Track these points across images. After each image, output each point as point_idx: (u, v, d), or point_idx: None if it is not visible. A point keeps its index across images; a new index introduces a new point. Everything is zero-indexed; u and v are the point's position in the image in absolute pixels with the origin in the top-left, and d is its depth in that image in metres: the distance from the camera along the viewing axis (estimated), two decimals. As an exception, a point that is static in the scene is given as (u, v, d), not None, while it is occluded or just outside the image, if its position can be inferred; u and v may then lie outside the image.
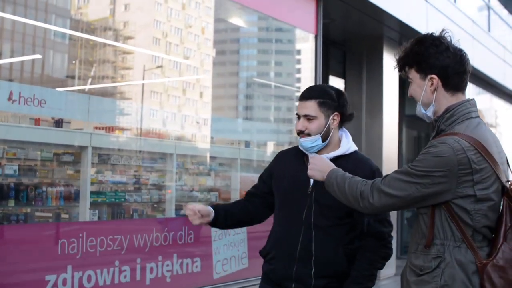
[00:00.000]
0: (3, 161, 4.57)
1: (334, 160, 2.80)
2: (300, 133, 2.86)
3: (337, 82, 9.50)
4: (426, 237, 2.25)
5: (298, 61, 8.95)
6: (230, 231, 5.58)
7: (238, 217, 3.05)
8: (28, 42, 5.89)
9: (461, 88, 2.34)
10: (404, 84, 10.63)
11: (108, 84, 7.12)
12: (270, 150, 7.99)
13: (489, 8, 13.97)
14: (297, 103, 8.78)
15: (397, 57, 2.43)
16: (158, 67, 7.37)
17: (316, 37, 7.43)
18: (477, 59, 11.34)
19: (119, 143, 5.77)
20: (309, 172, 2.56)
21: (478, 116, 2.34)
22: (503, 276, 2.16)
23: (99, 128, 5.44)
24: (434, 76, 2.30)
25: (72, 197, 4.92)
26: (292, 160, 2.98)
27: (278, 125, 8.77)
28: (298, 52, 8.77)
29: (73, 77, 6.43)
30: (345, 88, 9.45)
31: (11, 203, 4.53)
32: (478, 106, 2.37)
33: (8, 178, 4.59)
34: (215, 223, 2.96)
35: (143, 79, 7.03)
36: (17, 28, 5.51)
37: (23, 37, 5.84)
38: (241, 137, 7.26)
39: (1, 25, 5.30)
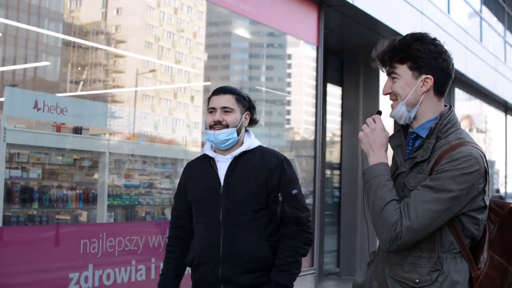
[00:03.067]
0: (28, 165, 4.96)
1: (240, 156, 2.93)
2: (216, 125, 2.90)
3: (334, 90, 9.96)
4: (421, 250, 2.18)
5: (289, 66, 9.11)
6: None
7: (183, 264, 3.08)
8: (31, 48, 6.14)
9: (444, 94, 2.30)
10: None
11: (119, 90, 7.44)
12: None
13: (481, 18, 14.49)
14: (288, 107, 9.13)
15: (383, 51, 2.30)
16: (151, 71, 7.47)
17: (317, 48, 7.87)
18: (469, 68, 11.93)
19: (133, 149, 6.13)
20: (360, 135, 2.33)
21: None
22: (494, 285, 2.20)
23: (115, 135, 5.86)
24: (430, 77, 2.23)
25: (90, 200, 5.34)
26: (199, 168, 3.05)
27: (269, 129, 8.87)
28: (289, 56, 9.00)
29: (75, 83, 6.73)
30: (343, 95, 9.88)
31: (35, 205, 4.93)
32: (469, 112, 2.69)
33: (32, 181, 5.00)
34: None
35: (135, 86, 7.20)
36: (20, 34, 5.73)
37: (26, 43, 6.16)
38: None
39: (11, 32, 5.58)
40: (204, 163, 3.02)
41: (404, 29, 8.84)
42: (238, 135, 2.94)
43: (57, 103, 4.96)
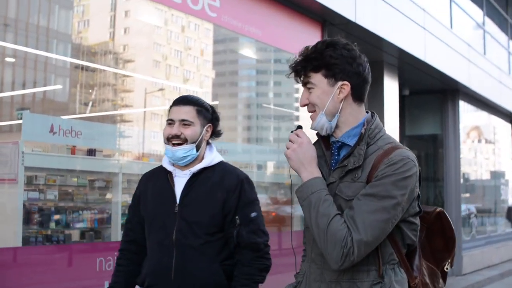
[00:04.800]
0: (45, 187, 5.28)
1: (199, 173, 2.81)
2: (173, 138, 2.79)
3: (339, 106, 10.24)
4: (358, 263, 2.07)
5: (297, 81, 9.37)
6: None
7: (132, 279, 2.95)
8: (40, 70, 6.35)
9: (364, 99, 2.24)
10: (404, 106, 11.48)
11: (129, 110, 7.69)
12: (270, 171, 8.39)
13: (484, 31, 14.73)
14: (296, 123, 9.36)
15: (298, 59, 2.23)
16: (159, 89, 7.76)
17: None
18: (473, 81, 12.23)
19: (145, 169, 6.40)
20: (287, 153, 2.20)
21: None
22: None
23: (126, 155, 6.18)
24: (346, 83, 2.16)
25: (104, 220, 5.64)
26: (155, 180, 2.92)
27: (278, 145, 9.03)
28: None
29: (84, 104, 7.00)
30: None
31: (52, 225, 5.25)
32: (476, 123, 2.70)
33: (49, 202, 5.31)
34: None
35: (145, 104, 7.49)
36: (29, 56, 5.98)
37: (35, 65, 6.40)
38: (242, 159, 7.52)
39: (20, 55, 5.84)
40: (161, 176, 2.90)
41: (407, 45, 9.19)
42: (197, 151, 2.83)
43: (72, 127, 5.26)
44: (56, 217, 5.27)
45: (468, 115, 13.42)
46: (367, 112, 2.26)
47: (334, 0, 7.47)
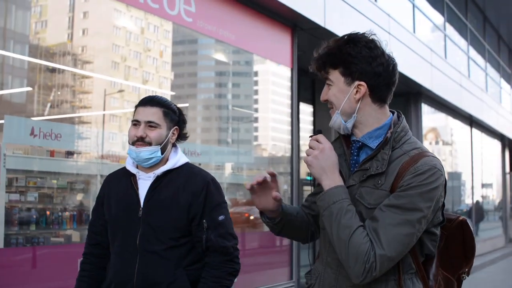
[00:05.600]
0: (25, 189, 5.41)
1: (164, 175, 2.75)
2: (138, 141, 2.72)
3: (307, 108, 10.56)
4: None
5: (256, 83, 9.30)
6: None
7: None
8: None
9: (388, 101, 2.14)
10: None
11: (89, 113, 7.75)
12: (229, 171, 8.45)
13: (445, 35, 15.26)
14: (255, 124, 9.57)
15: (319, 54, 2.15)
16: (119, 91, 7.63)
17: (292, 70, 8.41)
18: (435, 84, 12.71)
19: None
20: (308, 159, 2.11)
21: None
22: None
23: (105, 158, 6.34)
24: (363, 83, 2.06)
25: (83, 221, 5.80)
26: (119, 182, 2.85)
27: (238, 146, 9.08)
28: (256, 73, 9.24)
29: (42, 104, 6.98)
30: (314, 113, 10.49)
31: (33, 227, 5.39)
32: (434, 124, 2.49)
33: (30, 204, 5.44)
34: None
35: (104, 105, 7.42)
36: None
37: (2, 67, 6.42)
38: (200, 160, 7.53)
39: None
40: (125, 179, 2.83)
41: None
42: (162, 153, 2.76)
43: (52, 129, 5.42)
44: (37, 219, 5.40)
45: (425, 117, 13.80)
46: (392, 113, 2.16)
47: (304, 6, 7.76)
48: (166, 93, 7.50)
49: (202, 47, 8.51)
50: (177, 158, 2.82)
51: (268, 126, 9.74)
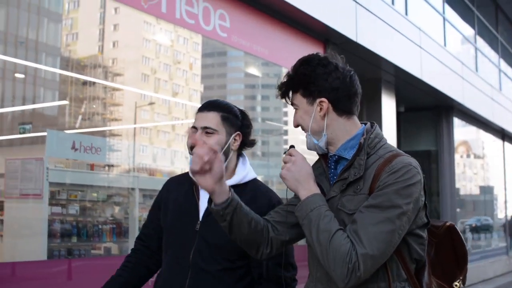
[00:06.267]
0: (67, 202, 5.60)
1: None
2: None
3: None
4: (367, 281, 1.99)
5: None
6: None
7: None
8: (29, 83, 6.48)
9: (355, 111, 2.16)
10: (400, 121, 11.90)
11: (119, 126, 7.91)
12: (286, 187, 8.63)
13: (476, 49, 15.25)
14: (285, 137, 9.52)
15: (281, 82, 2.21)
16: (150, 103, 7.96)
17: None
18: (466, 98, 12.70)
19: (160, 184, 6.66)
20: (282, 173, 2.14)
21: None
22: None
23: (138, 171, 6.51)
24: (324, 99, 2.10)
25: (122, 233, 5.95)
26: (180, 188, 2.67)
27: (268, 159, 9.18)
28: None
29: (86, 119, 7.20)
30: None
31: (74, 239, 5.57)
32: (465, 138, 2.43)
33: (71, 217, 5.63)
34: None
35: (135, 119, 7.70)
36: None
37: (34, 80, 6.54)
38: None
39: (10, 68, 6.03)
40: (187, 185, 2.64)
41: (404, 63, 9.61)
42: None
43: (92, 143, 5.59)
44: (78, 231, 5.58)
45: (456, 130, 13.79)
46: (364, 124, 2.19)
47: (336, 20, 7.87)
48: (196, 105, 7.52)
49: (232, 59, 8.68)
50: (245, 172, 2.62)
51: (298, 139, 9.71)
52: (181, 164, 7.60)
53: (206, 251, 2.48)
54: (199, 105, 2.67)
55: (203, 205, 2.53)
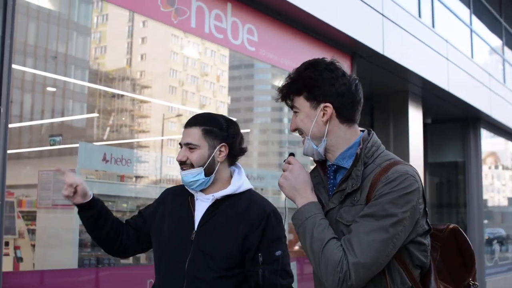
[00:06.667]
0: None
1: (223, 200, 2.59)
2: (182, 164, 2.61)
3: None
4: None
5: None
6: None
7: (112, 225, 2.77)
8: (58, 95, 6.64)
9: (356, 120, 2.16)
10: (427, 133, 11.90)
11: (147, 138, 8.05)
12: (284, 196, 8.67)
13: (504, 60, 15.21)
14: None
15: (282, 84, 2.18)
16: (177, 115, 8.04)
17: (351, 95, 8.58)
18: (494, 109, 12.66)
19: None
20: (280, 181, 2.16)
21: None
22: None
23: (170, 182, 6.63)
24: (328, 104, 2.08)
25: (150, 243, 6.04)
26: (176, 199, 2.72)
27: None
28: None
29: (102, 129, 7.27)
30: (373, 138, 10.61)
31: (104, 248, 5.67)
32: (493, 149, 2.38)
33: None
34: (88, 209, 2.73)
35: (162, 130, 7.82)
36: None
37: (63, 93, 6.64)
38: (257, 184, 7.58)
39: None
40: (182, 197, 2.69)
41: (431, 75, 9.63)
42: (207, 175, 2.60)
43: (122, 155, 5.72)
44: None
45: (484, 141, 13.75)
46: (362, 131, 2.18)
47: (362, 33, 7.93)
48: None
49: (258, 71, 8.69)
50: (240, 183, 2.64)
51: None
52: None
53: (201, 260, 2.52)
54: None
55: (198, 215, 2.60)
